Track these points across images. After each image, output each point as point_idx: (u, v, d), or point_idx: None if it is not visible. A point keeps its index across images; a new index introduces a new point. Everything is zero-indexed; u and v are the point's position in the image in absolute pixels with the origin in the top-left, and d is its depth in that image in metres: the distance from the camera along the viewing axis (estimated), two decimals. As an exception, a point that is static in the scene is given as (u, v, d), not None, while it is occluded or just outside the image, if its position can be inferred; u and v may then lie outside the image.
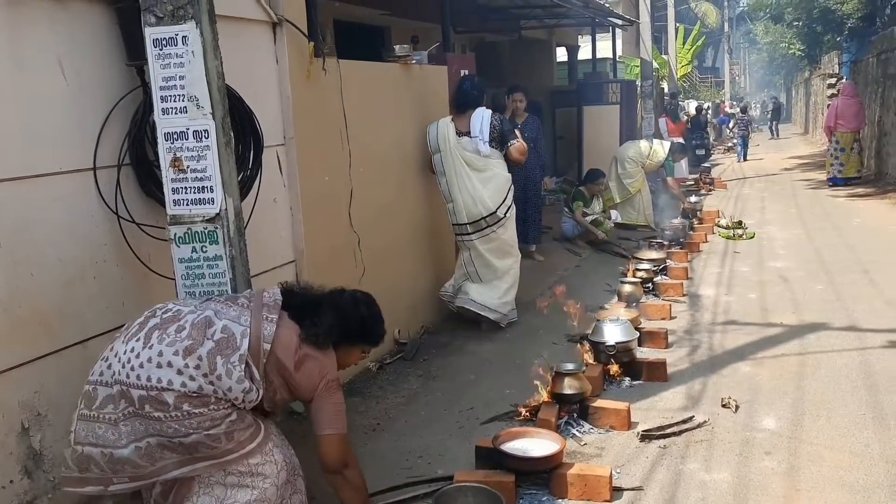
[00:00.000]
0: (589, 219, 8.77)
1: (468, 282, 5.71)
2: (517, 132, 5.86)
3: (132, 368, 2.43)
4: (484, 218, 5.51)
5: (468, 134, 5.54)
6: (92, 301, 3.04)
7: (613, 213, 9.36)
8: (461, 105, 5.69)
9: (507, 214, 5.61)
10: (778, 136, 30.03)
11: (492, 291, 5.68)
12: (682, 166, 13.28)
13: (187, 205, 2.98)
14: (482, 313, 5.66)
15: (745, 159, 20.73)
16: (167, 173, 2.99)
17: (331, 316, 2.73)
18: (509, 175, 5.67)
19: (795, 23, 20.74)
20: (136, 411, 2.42)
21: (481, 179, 5.52)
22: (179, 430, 2.40)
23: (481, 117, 5.54)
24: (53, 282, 2.90)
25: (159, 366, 2.42)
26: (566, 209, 9.14)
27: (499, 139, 5.61)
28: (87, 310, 3.01)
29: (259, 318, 2.60)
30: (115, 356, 2.49)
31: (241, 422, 2.51)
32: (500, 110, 6.57)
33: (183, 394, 2.40)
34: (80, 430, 2.48)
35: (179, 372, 2.41)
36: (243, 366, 2.48)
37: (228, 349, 2.48)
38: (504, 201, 5.56)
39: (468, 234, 5.58)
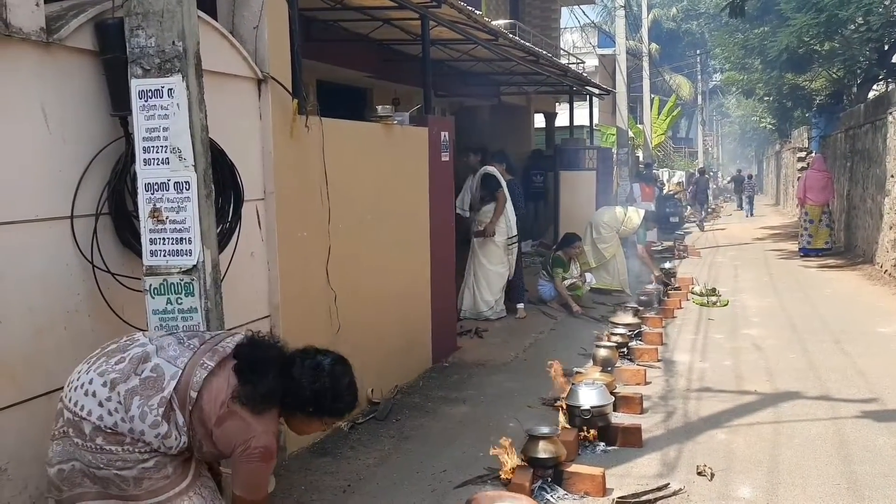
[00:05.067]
0: (567, 282, 8.84)
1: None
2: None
3: (72, 389, 2.43)
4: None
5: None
6: (61, 351, 2.97)
7: (588, 277, 9.43)
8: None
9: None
10: (752, 213, 26.70)
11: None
12: (653, 232, 13.49)
13: (164, 256, 2.97)
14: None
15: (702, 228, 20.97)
16: (146, 224, 2.97)
17: (275, 382, 2.54)
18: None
19: (766, 98, 21.38)
20: (65, 432, 2.40)
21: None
22: (92, 461, 2.35)
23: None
24: (22, 331, 2.84)
25: (86, 393, 2.40)
26: (543, 272, 9.19)
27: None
28: (55, 360, 2.94)
29: (196, 362, 2.50)
30: (74, 374, 2.50)
31: (157, 471, 2.40)
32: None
33: (98, 427, 2.35)
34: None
35: (101, 404, 2.38)
36: (163, 409, 2.38)
37: (151, 390, 2.40)
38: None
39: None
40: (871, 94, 15.87)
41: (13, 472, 2.77)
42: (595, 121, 15.57)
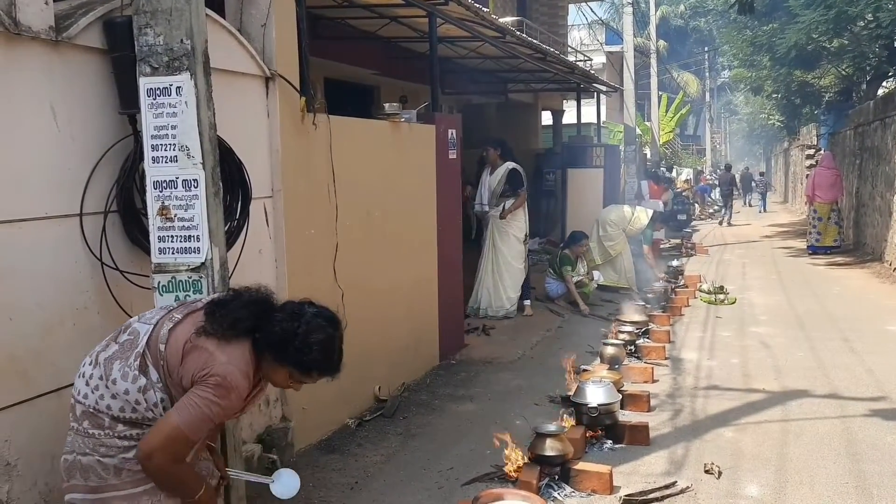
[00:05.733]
0: (574, 280, 8.83)
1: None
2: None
3: (76, 377, 2.46)
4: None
5: None
6: (70, 348, 2.98)
7: (596, 275, 9.41)
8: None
9: None
10: (764, 209, 26.93)
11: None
12: (661, 231, 13.47)
13: (173, 253, 2.97)
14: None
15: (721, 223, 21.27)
16: (154, 221, 2.98)
17: (244, 311, 2.38)
18: None
19: (774, 95, 21.25)
20: (71, 421, 2.43)
21: None
22: (82, 446, 2.36)
23: None
24: (32, 328, 2.85)
25: (80, 376, 2.44)
26: (550, 270, 9.19)
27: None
28: (64, 357, 2.96)
29: (166, 317, 2.45)
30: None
31: (137, 462, 2.33)
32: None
33: (85, 409, 2.37)
34: None
35: (87, 383, 2.40)
36: (137, 362, 2.35)
37: (129, 350, 2.39)
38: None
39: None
40: (880, 91, 15.78)
41: (22, 469, 2.79)
42: (602, 118, 15.54)
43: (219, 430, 2.76)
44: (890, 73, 15.73)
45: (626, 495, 3.81)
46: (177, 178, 2.94)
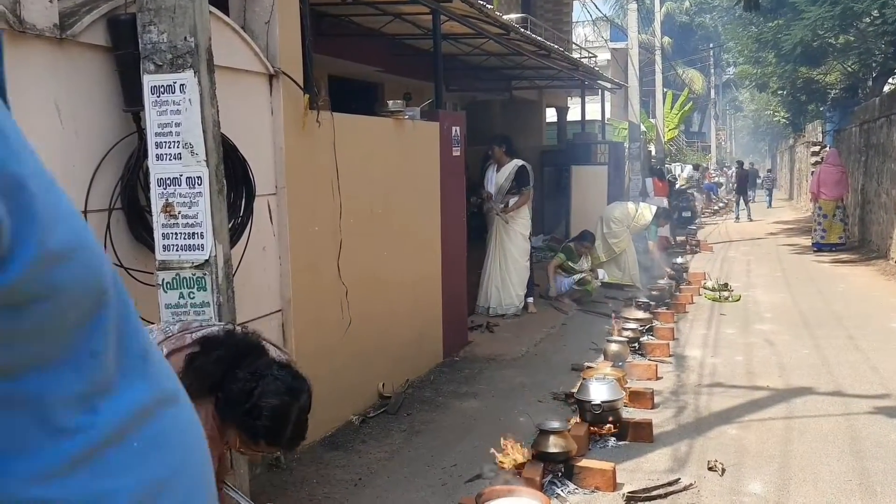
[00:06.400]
0: (576, 277, 8.85)
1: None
2: None
3: None
4: None
5: None
6: (75, 345, 2.99)
7: (600, 272, 9.41)
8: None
9: None
10: (770, 204, 27.36)
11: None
12: (666, 228, 13.45)
13: (177, 250, 2.98)
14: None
15: (737, 219, 21.35)
16: (158, 219, 2.99)
17: (213, 367, 2.23)
18: None
19: (780, 91, 21.20)
20: None
21: None
22: None
23: None
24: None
25: None
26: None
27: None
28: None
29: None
30: None
31: None
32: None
33: None
34: None
35: None
36: None
37: None
38: None
39: None
40: (886, 88, 15.73)
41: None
42: (607, 115, 15.51)
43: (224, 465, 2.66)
44: (896, 70, 15.69)
45: (629, 492, 3.82)
46: (181, 175, 2.95)
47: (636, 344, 6.60)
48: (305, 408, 2.29)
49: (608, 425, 4.56)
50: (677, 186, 20.49)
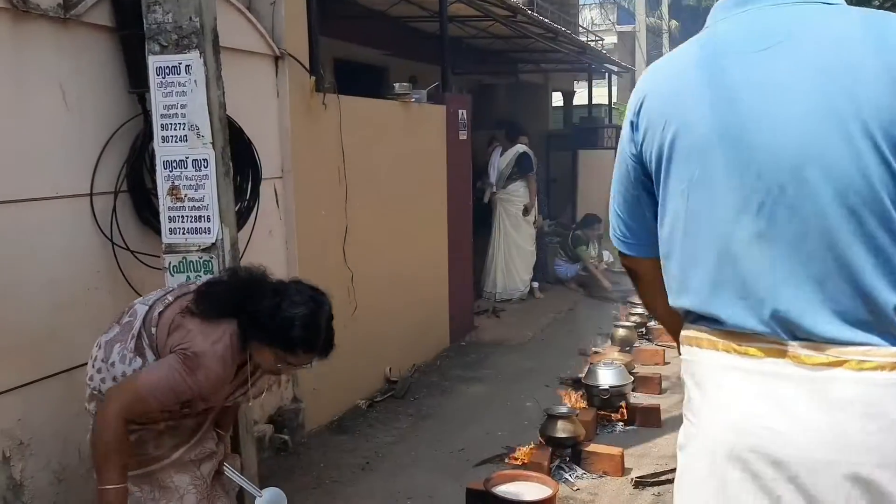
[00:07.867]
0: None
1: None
2: None
3: (90, 359, 2.44)
4: None
5: None
6: (81, 328, 2.98)
7: (606, 255, 9.38)
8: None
9: None
10: None
11: None
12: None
13: (183, 234, 2.96)
14: None
15: None
16: (164, 202, 2.97)
17: (231, 292, 2.32)
18: None
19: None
20: (85, 404, 2.44)
21: None
22: (90, 428, 2.32)
23: None
24: (43, 308, 2.85)
25: (90, 358, 2.41)
26: (561, 252, 9.15)
27: None
28: (76, 337, 2.95)
29: (160, 298, 2.41)
30: None
31: (137, 447, 2.30)
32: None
33: (92, 391, 2.36)
34: None
35: (93, 365, 2.38)
36: (133, 343, 2.31)
37: (127, 332, 2.35)
38: None
39: None
40: None
41: (36, 448, 2.79)
42: (614, 99, 15.40)
43: (232, 415, 2.74)
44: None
45: (637, 477, 3.80)
46: (187, 157, 2.92)
47: (644, 329, 6.57)
48: (330, 315, 2.44)
49: (618, 411, 4.54)
50: None
